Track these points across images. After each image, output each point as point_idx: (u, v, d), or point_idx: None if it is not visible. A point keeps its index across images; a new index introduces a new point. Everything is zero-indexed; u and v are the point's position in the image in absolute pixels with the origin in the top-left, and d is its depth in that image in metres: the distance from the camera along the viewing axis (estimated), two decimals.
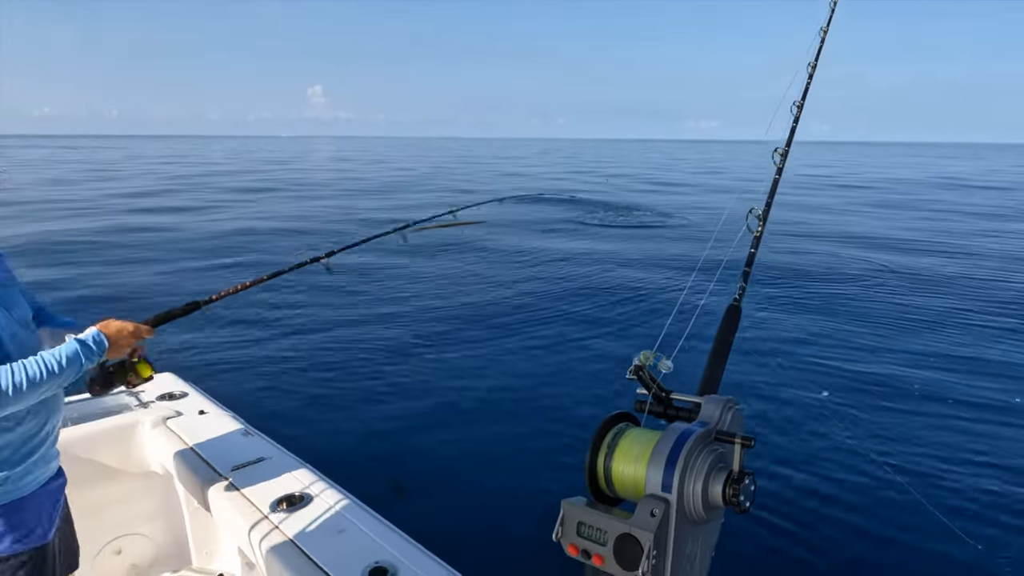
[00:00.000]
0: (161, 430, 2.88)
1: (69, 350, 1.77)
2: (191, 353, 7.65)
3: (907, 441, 5.74)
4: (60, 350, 1.76)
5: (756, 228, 1.53)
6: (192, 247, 14.78)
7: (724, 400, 1.11)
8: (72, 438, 2.80)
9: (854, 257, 14.36)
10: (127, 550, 3.04)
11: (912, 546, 4.34)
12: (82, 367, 1.79)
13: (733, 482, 1.01)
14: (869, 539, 4.41)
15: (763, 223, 1.52)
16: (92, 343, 1.83)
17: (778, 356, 7.81)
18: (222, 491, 2.40)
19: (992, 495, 4.92)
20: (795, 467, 5.28)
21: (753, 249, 1.48)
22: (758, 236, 1.52)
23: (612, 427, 1.10)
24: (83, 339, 1.82)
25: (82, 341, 1.81)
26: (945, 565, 4.17)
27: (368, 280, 11.48)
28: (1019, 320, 9.41)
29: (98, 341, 1.85)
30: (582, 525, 1.02)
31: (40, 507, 1.83)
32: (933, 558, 4.23)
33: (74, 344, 1.79)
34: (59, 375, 1.72)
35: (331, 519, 2.22)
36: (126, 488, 3.02)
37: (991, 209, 24.48)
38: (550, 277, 11.93)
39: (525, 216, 20.64)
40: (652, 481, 1.00)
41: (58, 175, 39.48)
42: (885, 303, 10.46)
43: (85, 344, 1.81)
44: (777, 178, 1.60)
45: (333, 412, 6.17)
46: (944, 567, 4.16)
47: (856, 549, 4.31)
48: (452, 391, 6.68)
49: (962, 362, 7.72)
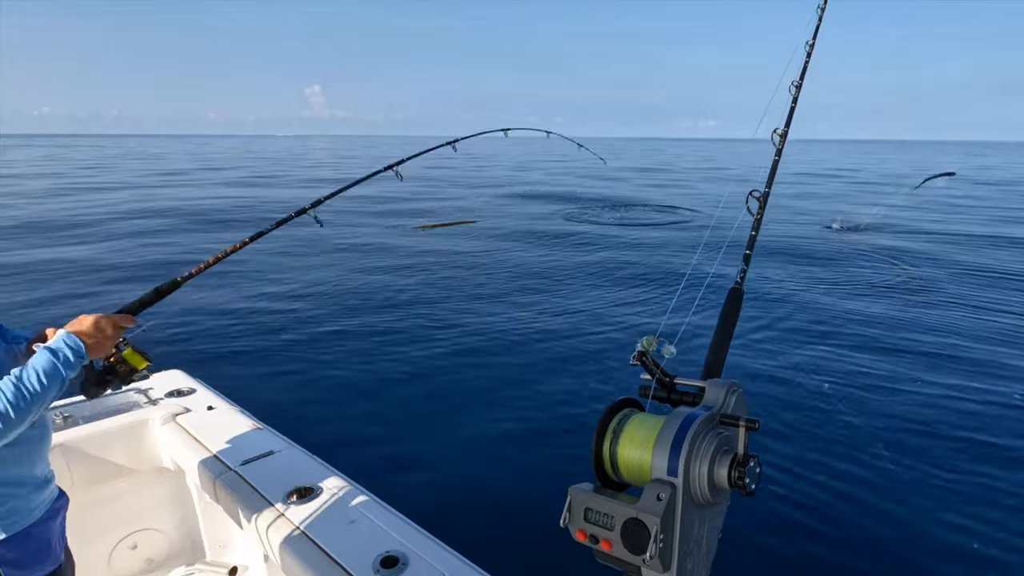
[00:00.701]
0: (171, 426, 2.91)
1: (42, 363, 1.57)
2: (199, 349, 7.68)
3: (908, 420, 5.75)
4: (32, 365, 1.57)
5: (756, 211, 1.52)
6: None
7: (728, 384, 1.11)
8: (83, 437, 2.82)
9: (854, 241, 14.31)
10: (142, 545, 3.07)
11: (915, 527, 4.35)
12: (64, 378, 1.61)
13: (738, 465, 1.01)
14: (871, 519, 4.42)
15: (763, 205, 1.52)
16: (67, 349, 1.63)
17: (782, 337, 7.81)
18: (233, 485, 2.42)
19: (988, 484, 4.93)
20: (799, 448, 5.30)
21: (754, 232, 1.47)
22: (758, 218, 1.51)
23: (617, 413, 1.10)
24: (54, 347, 1.62)
25: (53, 350, 1.62)
26: (945, 552, 4.19)
27: (371, 274, 11.49)
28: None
29: (73, 346, 1.64)
30: (589, 511, 1.02)
31: (50, 531, 1.80)
32: (935, 542, 4.25)
33: (45, 354, 1.60)
34: (41, 393, 1.54)
35: (341, 510, 2.24)
36: (138, 484, 3.05)
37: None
38: (552, 266, 11.93)
39: (524, 210, 20.61)
40: (658, 466, 1.00)
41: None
42: (893, 288, 10.44)
43: (57, 352, 1.61)
44: (776, 159, 1.59)
45: (341, 405, 6.20)
46: (945, 553, 4.18)
47: (860, 530, 4.33)
48: (459, 381, 6.71)
49: (968, 354, 7.71)
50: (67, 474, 2.75)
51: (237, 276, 11.29)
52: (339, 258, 12.89)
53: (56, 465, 2.69)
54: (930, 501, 4.59)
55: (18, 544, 1.69)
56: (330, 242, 14.53)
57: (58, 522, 1.86)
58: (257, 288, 10.50)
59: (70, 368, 1.62)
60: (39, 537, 1.76)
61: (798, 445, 5.35)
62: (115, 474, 2.95)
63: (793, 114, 1.59)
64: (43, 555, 1.77)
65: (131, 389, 3.27)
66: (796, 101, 1.62)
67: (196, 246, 14.24)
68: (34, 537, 1.74)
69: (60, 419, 2.88)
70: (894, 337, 7.86)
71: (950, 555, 4.09)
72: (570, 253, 13.11)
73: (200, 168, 44.64)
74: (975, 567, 3.99)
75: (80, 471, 2.81)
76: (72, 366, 1.63)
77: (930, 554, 4.10)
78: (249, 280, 11.01)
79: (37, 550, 1.75)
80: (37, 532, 1.75)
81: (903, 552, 4.13)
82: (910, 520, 4.39)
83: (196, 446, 2.73)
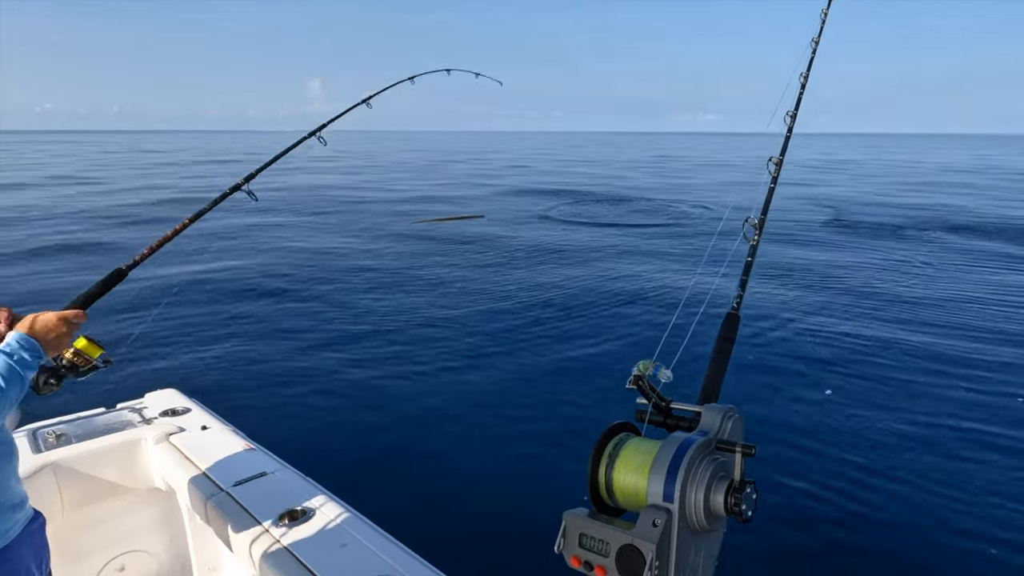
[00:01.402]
0: (164, 446, 2.88)
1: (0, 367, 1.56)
2: (193, 369, 7.65)
3: (907, 449, 5.73)
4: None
5: (752, 237, 1.54)
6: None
7: (724, 409, 1.11)
8: (75, 456, 2.80)
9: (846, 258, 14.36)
10: (130, 567, 3.03)
11: (913, 561, 4.32)
12: (24, 380, 1.60)
13: (734, 491, 1.01)
14: (869, 548, 4.38)
15: (759, 232, 1.53)
16: (23, 351, 1.61)
17: (779, 363, 7.80)
18: (224, 506, 2.40)
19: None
20: (796, 475, 5.26)
21: (750, 258, 1.49)
22: (754, 245, 1.52)
23: (613, 437, 1.10)
24: (8, 351, 1.60)
25: (8, 352, 1.59)
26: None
27: (364, 291, 11.48)
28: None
29: (28, 346, 1.63)
30: (584, 536, 1.01)
31: (24, 555, 1.73)
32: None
33: (1, 358, 1.58)
34: (2, 396, 1.53)
35: (333, 533, 2.21)
36: (129, 505, 3.01)
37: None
38: (547, 285, 11.91)
39: (520, 214, 20.63)
40: (653, 491, 0.99)
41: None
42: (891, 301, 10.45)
43: (12, 354, 1.59)
44: (772, 187, 1.61)
45: (334, 426, 6.17)
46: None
47: (858, 560, 4.29)
48: (452, 403, 6.67)
49: (974, 364, 7.71)
50: (57, 494, 2.72)
51: (234, 295, 11.28)
52: (336, 277, 12.89)
53: (46, 484, 2.67)
54: (936, 532, 4.55)
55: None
56: (324, 261, 14.55)
57: (35, 544, 1.80)
58: (254, 309, 10.48)
59: (28, 368, 1.61)
60: (12, 559, 1.69)
61: (795, 471, 5.31)
62: (106, 494, 2.92)
63: (788, 144, 1.61)
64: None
65: (125, 408, 3.25)
66: (791, 131, 1.64)
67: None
68: (8, 560, 1.68)
69: (53, 437, 2.86)
70: (896, 359, 7.85)
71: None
72: (563, 271, 13.09)
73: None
74: None
75: (71, 491, 2.78)
76: (30, 366, 1.62)
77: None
78: (246, 298, 11.00)
79: (12, 572, 1.69)
80: (11, 555, 1.69)
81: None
82: (916, 553, 4.36)
83: (188, 466, 2.70)
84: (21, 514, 1.76)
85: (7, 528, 1.69)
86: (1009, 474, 5.29)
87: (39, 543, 1.82)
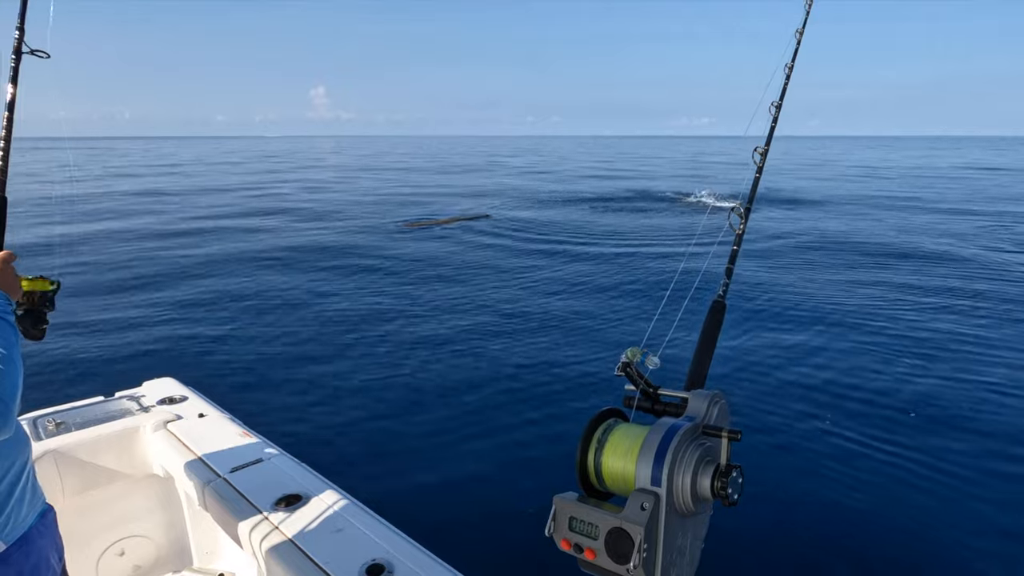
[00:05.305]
0: (162, 434, 2.91)
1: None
2: (190, 356, 7.66)
3: (894, 432, 5.78)
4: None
5: (738, 226, 1.55)
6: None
7: (710, 394, 1.13)
8: (75, 443, 2.82)
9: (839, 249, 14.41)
10: (130, 552, 3.06)
11: (901, 540, 4.38)
12: (13, 325, 1.62)
13: (721, 475, 1.03)
14: (854, 531, 4.45)
15: (744, 221, 1.55)
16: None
17: (764, 350, 7.85)
18: (222, 492, 2.43)
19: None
20: (782, 460, 5.33)
21: (735, 246, 1.50)
22: (740, 233, 1.54)
23: (602, 423, 1.12)
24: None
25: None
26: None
27: (363, 285, 11.48)
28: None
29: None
30: (574, 520, 1.04)
31: (44, 547, 1.74)
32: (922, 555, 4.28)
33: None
34: (8, 351, 1.53)
35: (329, 518, 2.24)
36: (128, 491, 3.04)
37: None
38: (537, 276, 11.93)
39: (521, 214, 20.67)
40: (642, 475, 1.02)
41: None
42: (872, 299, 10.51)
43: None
44: (758, 176, 1.62)
45: (330, 414, 6.20)
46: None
47: (843, 539, 4.35)
48: (445, 391, 6.70)
49: (960, 367, 7.77)
50: (58, 481, 2.75)
51: (232, 285, 11.28)
52: (329, 264, 12.88)
53: (47, 471, 2.70)
54: (921, 512, 4.62)
55: (17, 560, 1.64)
56: (321, 249, 14.52)
57: (52, 536, 1.80)
58: (248, 298, 10.48)
59: (7, 313, 1.63)
60: (33, 552, 1.70)
61: (781, 455, 5.38)
62: (105, 481, 2.95)
63: (773, 133, 1.63)
64: (39, 570, 1.71)
65: (124, 396, 3.28)
66: (776, 121, 1.66)
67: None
68: (29, 553, 1.68)
69: (53, 425, 2.88)
70: (882, 349, 7.91)
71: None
72: (552, 263, 13.10)
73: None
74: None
75: (71, 477, 2.81)
76: (7, 312, 1.63)
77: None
78: (244, 289, 10.99)
79: (35, 565, 1.69)
80: (31, 548, 1.69)
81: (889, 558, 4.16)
82: (904, 530, 4.42)
83: (186, 453, 2.73)
84: (37, 505, 1.77)
85: (23, 516, 1.69)
86: (1001, 453, 5.36)
87: (55, 535, 1.83)
